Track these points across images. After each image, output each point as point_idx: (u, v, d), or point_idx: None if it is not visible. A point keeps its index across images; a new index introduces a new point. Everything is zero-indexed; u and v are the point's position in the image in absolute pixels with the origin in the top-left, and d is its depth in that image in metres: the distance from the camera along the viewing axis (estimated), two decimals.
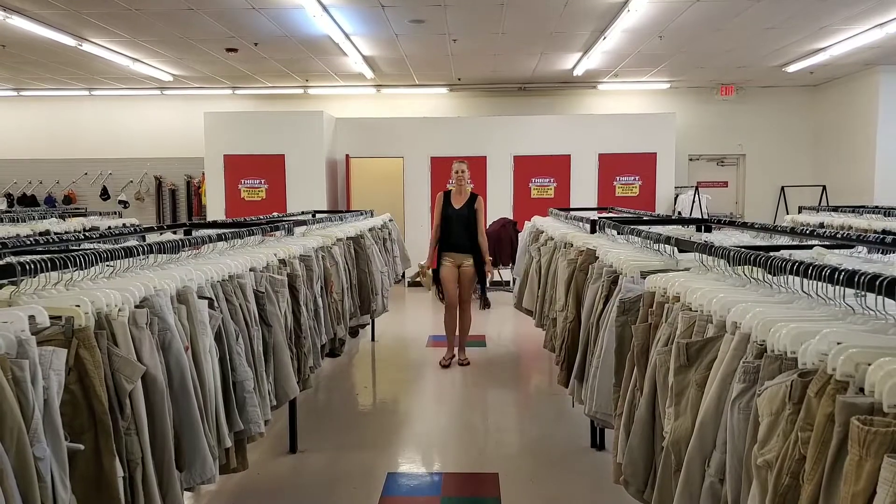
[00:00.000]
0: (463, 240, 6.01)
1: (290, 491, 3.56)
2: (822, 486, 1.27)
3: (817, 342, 1.42)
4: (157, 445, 2.09)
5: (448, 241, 6.04)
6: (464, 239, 6.01)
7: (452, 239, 6.03)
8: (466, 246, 6.02)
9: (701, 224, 4.33)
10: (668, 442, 1.93)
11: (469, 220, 6.00)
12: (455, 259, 6.04)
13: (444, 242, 6.06)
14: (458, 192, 6.10)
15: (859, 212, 6.64)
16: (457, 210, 6.03)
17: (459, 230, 6.00)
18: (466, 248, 6.02)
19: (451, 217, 6.03)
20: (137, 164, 12.45)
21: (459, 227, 6.00)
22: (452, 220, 6.02)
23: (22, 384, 1.56)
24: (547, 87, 11.95)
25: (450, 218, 6.03)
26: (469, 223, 6.01)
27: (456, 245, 6.03)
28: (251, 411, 2.79)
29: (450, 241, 6.04)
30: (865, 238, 2.95)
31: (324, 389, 5.48)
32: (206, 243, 3.30)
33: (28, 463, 1.52)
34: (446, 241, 6.05)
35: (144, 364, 2.05)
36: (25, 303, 1.92)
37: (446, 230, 6.04)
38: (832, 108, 11.63)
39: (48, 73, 10.46)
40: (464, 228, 5.99)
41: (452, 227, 6.01)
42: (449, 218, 6.04)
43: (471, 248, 6.02)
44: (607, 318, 2.89)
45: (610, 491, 3.30)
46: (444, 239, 6.05)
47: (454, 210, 6.04)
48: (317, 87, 11.78)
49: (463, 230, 5.99)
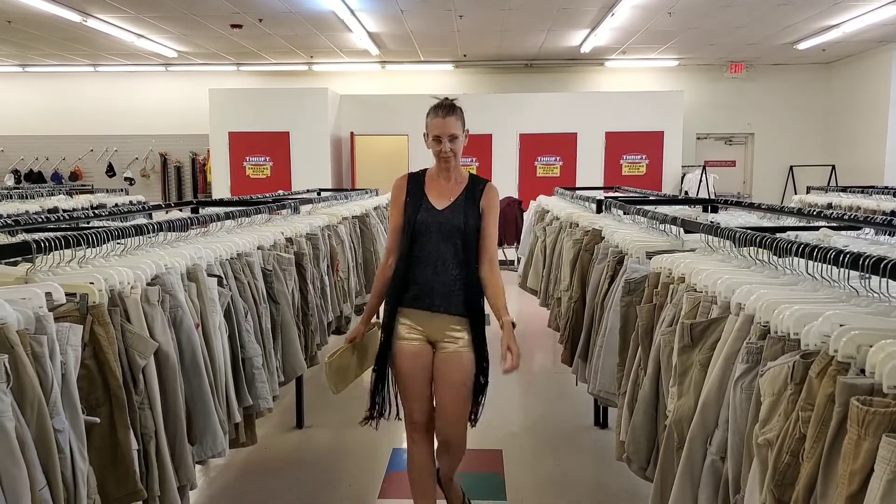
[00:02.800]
0: (446, 278, 2.61)
1: (297, 465, 3.62)
2: (820, 464, 1.30)
3: (820, 324, 1.44)
4: (170, 420, 2.14)
5: (411, 278, 2.63)
6: (448, 276, 2.61)
7: (421, 275, 2.62)
8: (454, 293, 2.61)
9: (707, 204, 4.33)
10: (670, 421, 1.96)
11: (466, 234, 2.62)
12: (425, 325, 2.64)
13: (402, 282, 2.64)
14: (440, 177, 2.69)
15: (868, 192, 6.61)
16: (438, 212, 2.64)
17: (439, 256, 2.61)
18: (453, 297, 2.61)
19: (421, 227, 2.62)
20: (142, 141, 12.46)
21: (440, 250, 2.61)
22: (425, 234, 2.62)
23: (41, 359, 1.60)
24: (554, 64, 11.86)
25: (419, 229, 2.63)
26: (466, 241, 2.62)
27: (428, 290, 2.61)
28: (260, 387, 2.84)
29: (415, 278, 2.63)
30: (873, 220, 2.95)
31: None
32: (214, 221, 3.33)
33: (48, 435, 1.57)
34: (406, 279, 2.64)
35: (157, 340, 2.09)
36: (41, 280, 1.95)
37: (410, 255, 2.63)
38: (843, 87, 11.52)
39: (53, 49, 10.44)
40: (451, 253, 2.61)
41: (425, 248, 2.62)
42: (418, 229, 2.63)
43: (464, 299, 2.62)
44: (612, 299, 2.91)
45: (613, 468, 3.35)
46: (403, 274, 2.64)
47: (432, 212, 2.64)
48: (321, 63, 11.73)
49: (449, 257, 2.61)
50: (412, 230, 2.63)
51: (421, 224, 2.63)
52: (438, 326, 2.64)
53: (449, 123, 2.58)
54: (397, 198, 2.74)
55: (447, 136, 2.58)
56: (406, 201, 2.69)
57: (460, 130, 2.61)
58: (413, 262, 2.63)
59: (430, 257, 2.62)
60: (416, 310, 2.64)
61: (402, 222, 2.70)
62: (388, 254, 2.75)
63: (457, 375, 2.63)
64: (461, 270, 2.63)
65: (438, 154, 2.63)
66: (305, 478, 3.45)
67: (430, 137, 2.63)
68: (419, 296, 2.62)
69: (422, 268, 2.62)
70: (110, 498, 1.88)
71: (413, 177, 2.77)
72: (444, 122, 2.58)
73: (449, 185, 2.70)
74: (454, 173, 2.70)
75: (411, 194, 2.70)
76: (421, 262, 2.63)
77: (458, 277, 2.62)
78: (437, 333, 2.65)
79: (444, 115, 2.57)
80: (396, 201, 2.74)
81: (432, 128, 2.61)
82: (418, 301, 2.63)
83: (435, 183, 2.71)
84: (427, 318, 2.64)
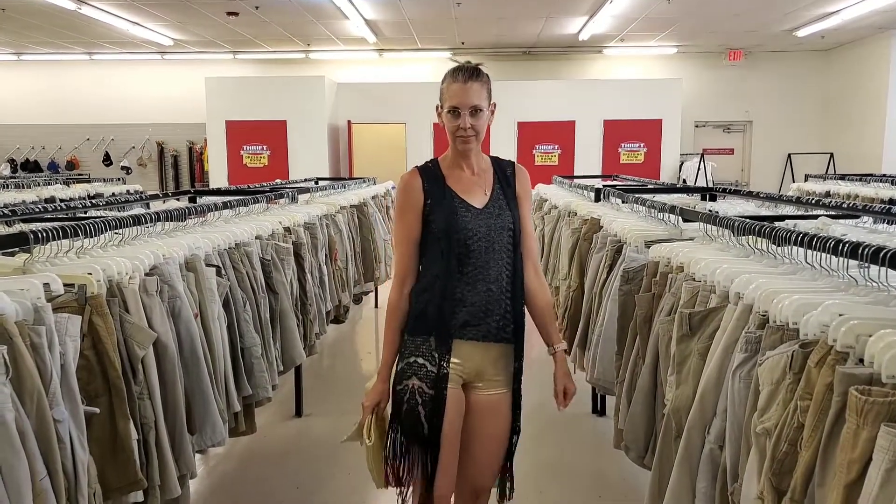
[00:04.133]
0: (501, 296, 2.02)
1: (296, 453, 3.64)
2: (818, 452, 1.31)
3: (819, 313, 1.44)
4: (170, 409, 2.14)
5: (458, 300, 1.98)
6: (503, 293, 2.02)
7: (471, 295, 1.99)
8: (507, 314, 2.03)
9: (706, 193, 4.33)
10: (669, 409, 1.97)
11: (516, 234, 2.05)
12: (472, 361, 2.02)
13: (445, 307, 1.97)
14: (460, 166, 2.07)
15: (866, 180, 6.60)
16: (479, 212, 2.02)
17: (491, 269, 2.00)
18: (505, 320, 2.03)
19: (466, 235, 1.99)
20: (139, 130, 12.40)
21: (492, 262, 2.00)
22: (472, 244, 1.99)
23: (40, 350, 1.60)
24: (552, 51, 11.80)
25: (464, 238, 1.98)
26: (516, 243, 2.05)
27: (482, 313, 2.00)
28: (259, 376, 2.85)
29: (463, 300, 1.99)
30: (871, 208, 2.95)
31: (328, 355, 5.55)
32: (212, 211, 3.32)
33: (48, 425, 1.57)
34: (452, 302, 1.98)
35: (156, 331, 2.09)
36: (39, 270, 1.95)
37: (450, 273, 1.98)
38: (842, 74, 11.49)
39: (48, 37, 10.36)
40: (503, 263, 2.02)
41: (473, 262, 1.99)
42: (462, 239, 1.98)
43: (514, 320, 2.04)
44: (611, 288, 2.92)
45: (610, 456, 3.37)
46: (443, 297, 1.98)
47: (473, 212, 2.02)
48: (318, 51, 11.66)
49: (503, 267, 2.02)
50: (453, 241, 1.96)
51: (465, 231, 1.97)
52: (483, 361, 2.01)
53: (471, 91, 1.94)
54: (413, 202, 2.02)
55: (468, 109, 1.95)
56: (427, 205, 2.00)
57: (486, 102, 1.98)
58: (456, 280, 1.96)
59: (481, 272, 1.97)
60: (464, 341, 1.98)
61: (418, 235, 2.02)
62: (401, 283, 2.04)
63: (501, 426, 2.07)
64: (512, 283, 2.01)
65: (455, 132, 1.98)
66: (305, 466, 3.47)
67: (444, 109, 1.99)
68: (470, 322, 1.97)
69: (470, 287, 1.97)
70: (111, 487, 1.88)
71: (426, 172, 2.05)
72: (464, 88, 1.94)
73: (475, 175, 2.06)
74: (476, 159, 2.06)
75: (433, 195, 2.01)
76: (467, 279, 1.96)
77: (509, 292, 2.00)
78: (481, 370, 2.02)
79: (464, 80, 1.94)
80: (411, 207, 2.02)
81: (449, 95, 1.96)
82: (469, 329, 1.97)
83: (457, 175, 2.05)
84: (475, 352, 1.99)
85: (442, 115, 2.03)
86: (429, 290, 2.00)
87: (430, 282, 2.00)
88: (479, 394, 2.04)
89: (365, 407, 2.07)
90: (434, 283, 1.99)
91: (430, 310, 1.98)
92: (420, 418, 1.96)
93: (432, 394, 1.95)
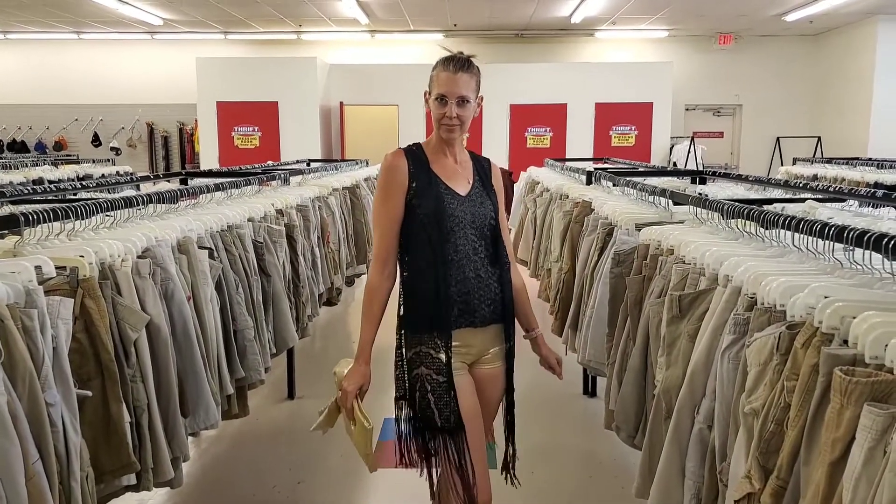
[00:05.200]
0: (488, 282, 2.05)
1: (289, 435, 3.66)
2: (804, 432, 1.33)
3: (805, 296, 1.46)
4: (163, 392, 2.15)
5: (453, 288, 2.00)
6: (489, 279, 2.05)
7: (461, 283, 2.00)
8: (496, 299, 2.06)
9: (696, 176, 4.35)
10: (659, 390, 2.00)
11: (496, 225, 2.09)
12: (470, 346, 2.06)
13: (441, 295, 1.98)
14: (444, 153, 2.08)
15: (853, 164, 6.67)
16: (463, 199, 2.05)
17: (477, 256, 2.03)
18: (495, 304, 2.06)
19: (453, 221, 2.00)
20: (128, 111, 12.27)
21: (477, 249, 2.04)
22: (458, 230, 2.01)
23: (31, 333, 1.60)
24: (544, 34, 11.75)
25: (451, 225, 2.00)
26: (496, 233, 2.08)
27: (473, 300, 2.02)
28: (252, 359, 2.85)
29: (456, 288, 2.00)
30: (857, 192, 2.98)
31: (320, 337, 5.56)
32: (203, 193, 3.31)
33: (40, 409, 1.57)
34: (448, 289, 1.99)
35: (148, 313, 2.09)
36: (29, 253, 1.94)
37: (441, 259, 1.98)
38: (830, 59, 11.52)
39: (34, 16, 10.20)
40: (485, 250, 2.05)
41: (459, 248, 2.00)
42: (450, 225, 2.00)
43: (502, 303, 2.07)
44: (602, 270, 2.94)
45: (601, 436, 3.41)
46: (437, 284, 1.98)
47: (458, 199, 2.04)
48: (310, 32, 11.55)
49: (485, 255, 2.05)
50: (442, 227, 1.97)
51: (452, 218, 1.99)
52: (483, 343, 2.07)
53: (460, 81, 1.97)
54: (398, 183, 2.00)
55: (455, 98, 1.97)
56: (413, 188, 2.00)
57: (473, 94, 2.00)
58: (446, 267, 1.97)
59: (468, 259, 1.99)
60: (462, 329, 2.01)
61: (402, 217, 2.01)
62: (382, 265, 2.04)
63: (498, 389, 2.16)
64: (496, 269, 2.06)
65: (440, 120, 2.00)
66: (297, 448, 3.49)
67: (432, 96, 2.02)
68: (465, 310, 2.00)
69: (460, 274, 1.98)
70: (104, 470, 1.89)
71: (412, 154, 2.05)
72: (454, 78, 1.97)
73: (457, 164, 2.09)
74: (459, 148, 2.10)
75: (418, 179, 2.00)
76: (455, 265, 1.98)
77: (494, 278, 2.05)
78: (481, 351, 2.08)
79: (454, 70, 1.97)
80: (397, 187, 2.00)
81: (438, 83, 1.99)
82: (464, 317, 2.01)
83: (441, 161, 2.06)
84: (474, 337, 2.05)
85: (429, 101, 2.04)
86: (420, 282, 2.00)
87: (420, 272, 2.00)
88: (478, 369, 2.10)
89: (347, 391, 1.99)
90: (425, 274, 1.99)
91: (426, 305, 1.99)
92: (430, 405, 1.97)
93: (440, 380, 1.97)
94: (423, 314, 1.99)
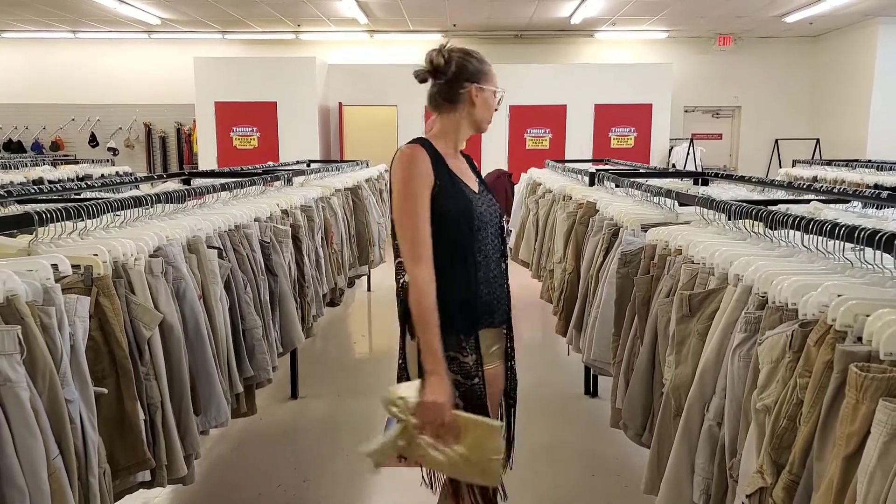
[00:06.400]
0: (505, 282, 2.07)
1: (292, 435, 3.67)
2: (817, 427, 1.35)
3: (819, 294, 1.48)
4: (176, 390, 2.16)
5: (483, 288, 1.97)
6: (505, 279, 2.07)
7: (488, 282, 1.98)
8: (509, 298, 2.10)
9: (697, 177, 4.38)
10: (668, 388, 2.02)
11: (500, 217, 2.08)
12: (496, 346, 2.06)
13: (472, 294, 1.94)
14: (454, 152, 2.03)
15: (852, 166, 6.69)
16: (478, 197, 2.01)
17: (496, 254, 2.02)
18: (507, 305, 2.08)
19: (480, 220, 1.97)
20: (126, 111, 12.25)
21: (497, 247, 2.03)
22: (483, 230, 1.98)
23: (50, 330, 1.61)
24: (543, 35, 11.77)
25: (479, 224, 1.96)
26: (503, 229, 2.09)
27: (499, 299, 2.03)
28: (260, 358, 2.87)
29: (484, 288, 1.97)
30: (861, 193, 3.01)
31: (322, 338, 5.57)
32: (210, 193, 3.32)
33: (60, 405, 1.59)
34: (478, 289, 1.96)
35: (161, 312, 2.11)
36: (44, 252, 1.95)
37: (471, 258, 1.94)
38: (829, 61, 11.56)
39: (32, 15, 10.18)
40: (501, 250, 2.05)
41: (484, 247, 1.97)
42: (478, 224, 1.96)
43: (508, 306, 2.09)
44: (607, 270, 2.96)
45: (604, 436, 3.44)
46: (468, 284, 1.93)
47: (479, 198, 2.01)
48: (309, 32, 11.55)
49: (502, 254, 2.06)
50: (472, 224, 1.92)
51: (480, 216, 1.95)
52: (497, 342, 2.05)
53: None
54: (426, 178, 1.87)
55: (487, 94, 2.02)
56: (438, 186, 1.89)
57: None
58: (477, 267, 1.94)
59: (492, 259, 1.98)
60: (485, 329, 1.98)
61: (429, 208, 1.87)
62: (428, 262, 1.85)
63: (497, 394, 2.11)
64: (506, 266, 2.06)
65: (490, 116, 2.03)
66: (302, 448, 3.50)
67: (486, 90, 1.99)
68: (487, 310, 1.97)
69: (484, 274, 1.95)
70: (119, 467, 1.91)
71: (429, 148, 1.93)
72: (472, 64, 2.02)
73: (461, 162, 2.04)
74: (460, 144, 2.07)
75: (441, 177, 1.90)
76: (481, 267, 1.95)
77: (506, 276, 2.05)
78: (494, 350, 2.04)
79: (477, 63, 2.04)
80: (425, 179, 1.87)
81: (494, 79, 2.01)
82: (486, 317, 1.97)
83: (452, 159, 1.99)
84: (495, 336, 2.03)
85: (478, 95, 1.97)
86: (442, 283, 1.86)
87: (440, 273, 1.86)
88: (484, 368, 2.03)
89: (443, 404, 1.80)
90: (448, 275, 1.88)
91: (452, 307, 1.88)
92: (460, 408, 1.89)
93: (470, 383, 1.93)
94: (448, 317, 1.86)
